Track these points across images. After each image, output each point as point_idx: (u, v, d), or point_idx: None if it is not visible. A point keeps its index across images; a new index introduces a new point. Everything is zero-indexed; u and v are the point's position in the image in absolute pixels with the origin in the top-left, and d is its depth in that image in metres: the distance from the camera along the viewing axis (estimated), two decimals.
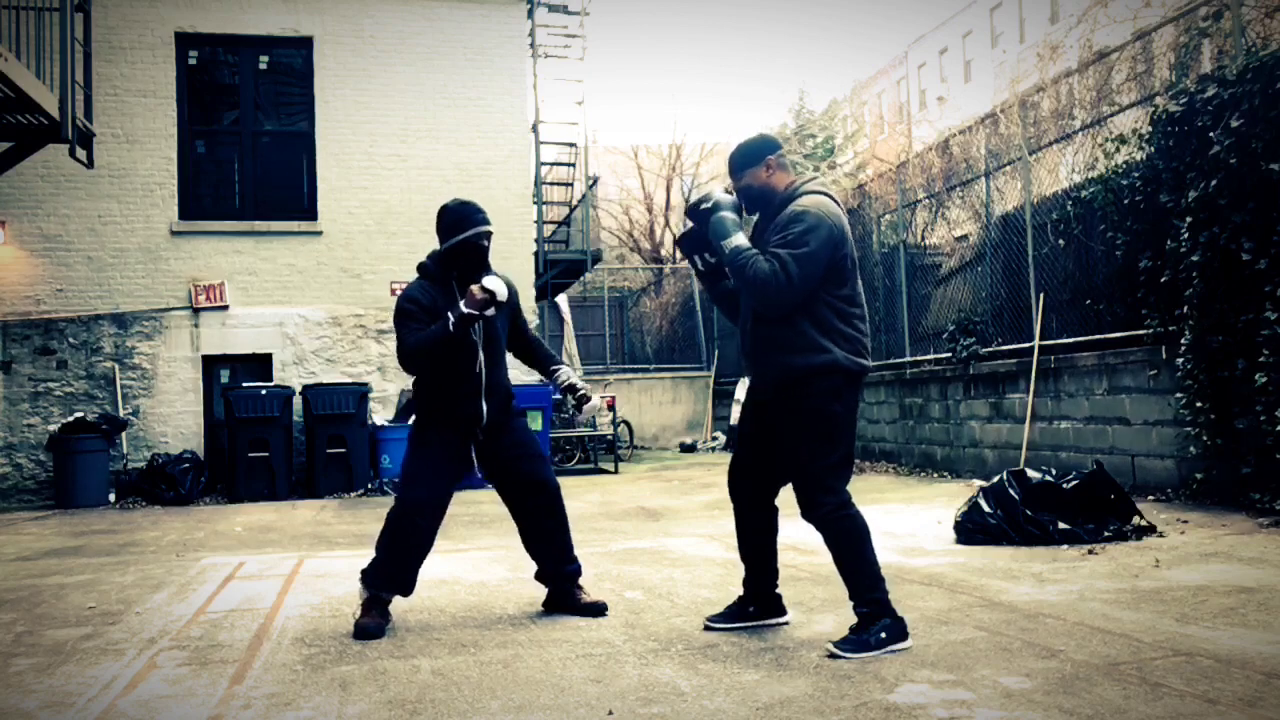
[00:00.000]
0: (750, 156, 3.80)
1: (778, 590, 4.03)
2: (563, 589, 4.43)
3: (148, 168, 11.52)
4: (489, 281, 4.08)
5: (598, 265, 18.25)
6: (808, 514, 3.68)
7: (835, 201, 3.71)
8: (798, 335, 3.61)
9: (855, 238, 13.22)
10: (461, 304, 4.08)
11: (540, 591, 4.61)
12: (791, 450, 3.68)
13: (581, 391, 4.39)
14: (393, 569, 4.21)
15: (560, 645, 3.83)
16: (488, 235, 4.23)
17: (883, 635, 3.53)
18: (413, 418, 4.45)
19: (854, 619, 3.64)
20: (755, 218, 3.97)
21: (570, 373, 4.44)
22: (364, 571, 4.24)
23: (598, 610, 4.34)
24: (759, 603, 4.00)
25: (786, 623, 4.02)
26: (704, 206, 3.78)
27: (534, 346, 4.68)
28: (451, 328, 4.05)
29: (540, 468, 4.42)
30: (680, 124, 66.81)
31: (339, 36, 12.08)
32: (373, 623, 4.09)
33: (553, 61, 15.06)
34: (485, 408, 4.28)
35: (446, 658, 3.70)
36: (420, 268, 4.35)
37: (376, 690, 3.31)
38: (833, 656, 3.49)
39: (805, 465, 3.64)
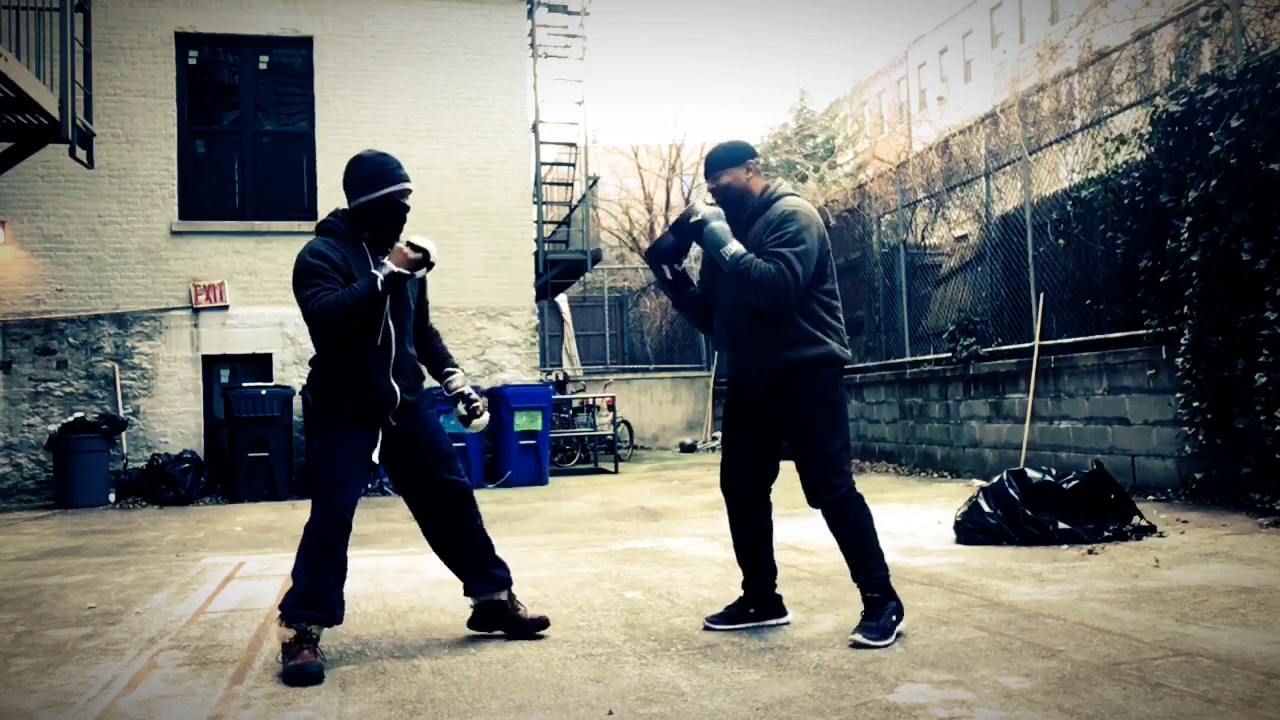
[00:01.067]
0: (734, 157, 3.91)
1: (777, 590, 4.07)
2: (492, 602, 3.95)
3: (148, 168, 11.52)
4: (418, 238, 3.57)
5: (598, 265, 18.25)
6: (821, 498, 3.79)
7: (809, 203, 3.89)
8: (794, 330, 3.75)
9: (855, 237, 13.35)
10: (387, 261, 3.55)
11: (536, 590, 4.60)
12: (803, 439, 3.79)
13: (475, 403, 3.98)
14: (321, 593, 3.62)
15: (560, 645, 3.82)
16: (409, 193, 3.69)
17: (893, 618, 3.72)
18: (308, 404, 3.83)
19: (857, 615, 3.75)
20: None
21: (464, 380, 4.04)
22: (284, 607, 3.61)
23: (539, 626, 3.94)
24: (759, 603, 4.03)
25: (788, 622, 4.03)
26: (693, 220, 3.84)
27: (431, 337, 4.09)
28: (380, 285, 3.50)
29: (452, 468, 3.92)
30: (680, 124, 66.84)
31: (339, 36, 12.07)
32: (312, 663, 3.44)
33: (553, 61, 15.07)
34: (396, 387, 3.72)
35: (446, 658, 3.70)
36: (324, 225, 3.76)
37: (376, 690, 3.31)
38: (858, 646, 3.60)
39: (818, 451, 3.76)
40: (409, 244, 3.55)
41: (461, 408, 3.96)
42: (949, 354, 10.49)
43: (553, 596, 4.77)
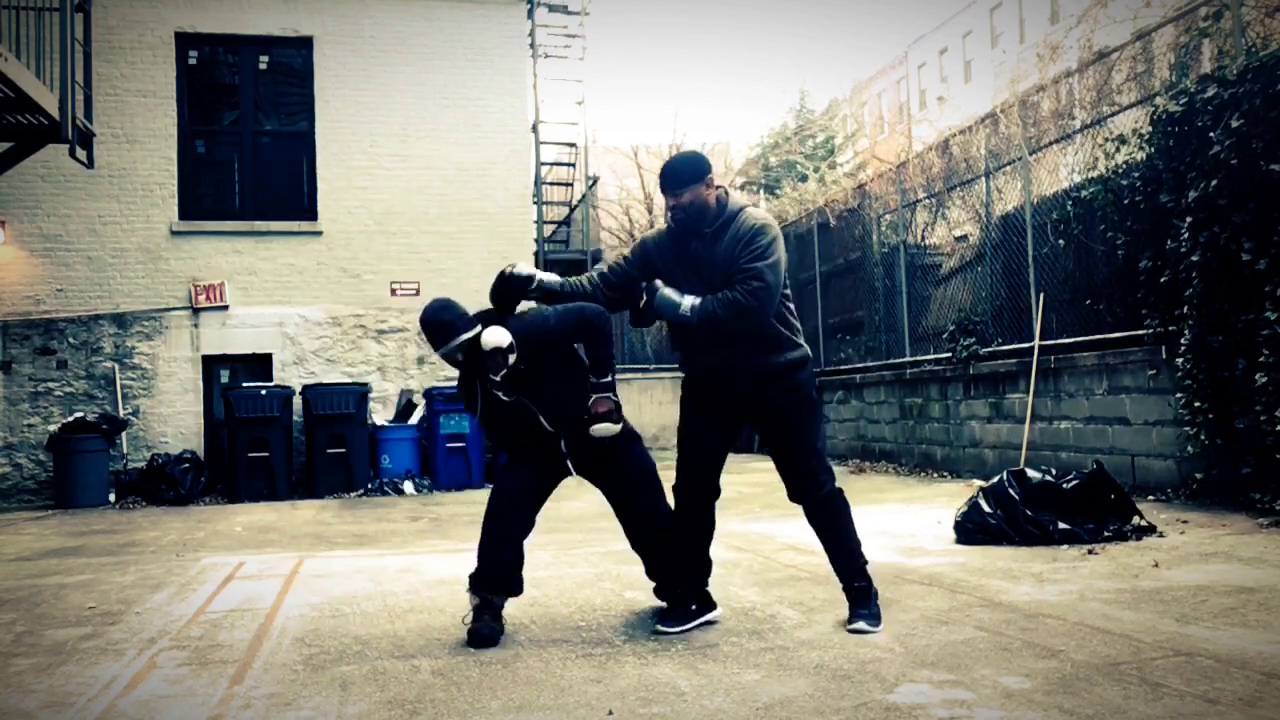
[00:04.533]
0: (694, 171, 3.86)
1: (708, 586, 4.18)
2: None
3: (148, 168, 11.52)
4: (491, 336, 3.82)
5: (598, 265, 18.24)
6: (811, 494, 3.92)
7: None
8: (773, 336, 3.88)
9: (855, 237, 13.35)
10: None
11: (536, 590, 4.60)
12: (792, 439, 3.93)
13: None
14: (498, 568, 3.98)
15: (560, 645, 3.82)
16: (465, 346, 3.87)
17: (877, 605, 3.97)
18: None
19: (849, 610, 3.97)
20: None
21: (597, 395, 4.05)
22: (471, 576, 4.02)
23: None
24: (699, 600, 4.11)
25: (719, 616, 4.14)
26: (658, 303, 3.84)
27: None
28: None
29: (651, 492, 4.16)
30: (680, 124, 66.77)
31: (339, 36, 12.08)
32: (485, 627, 3.88)
33: (553, 61, 15.09)
34: (563, 445, 4.02)
35: (446, 658, 3.70)
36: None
37: (376, 690, 3.31)
38: (861, 634, 3.80)
39: (808, 450, 3.93)
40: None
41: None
42: (949, 354, 10.49)
43: (553, 596, 4.77)
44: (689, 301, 3.80)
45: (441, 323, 3.92)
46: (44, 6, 7.89)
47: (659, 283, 3.91)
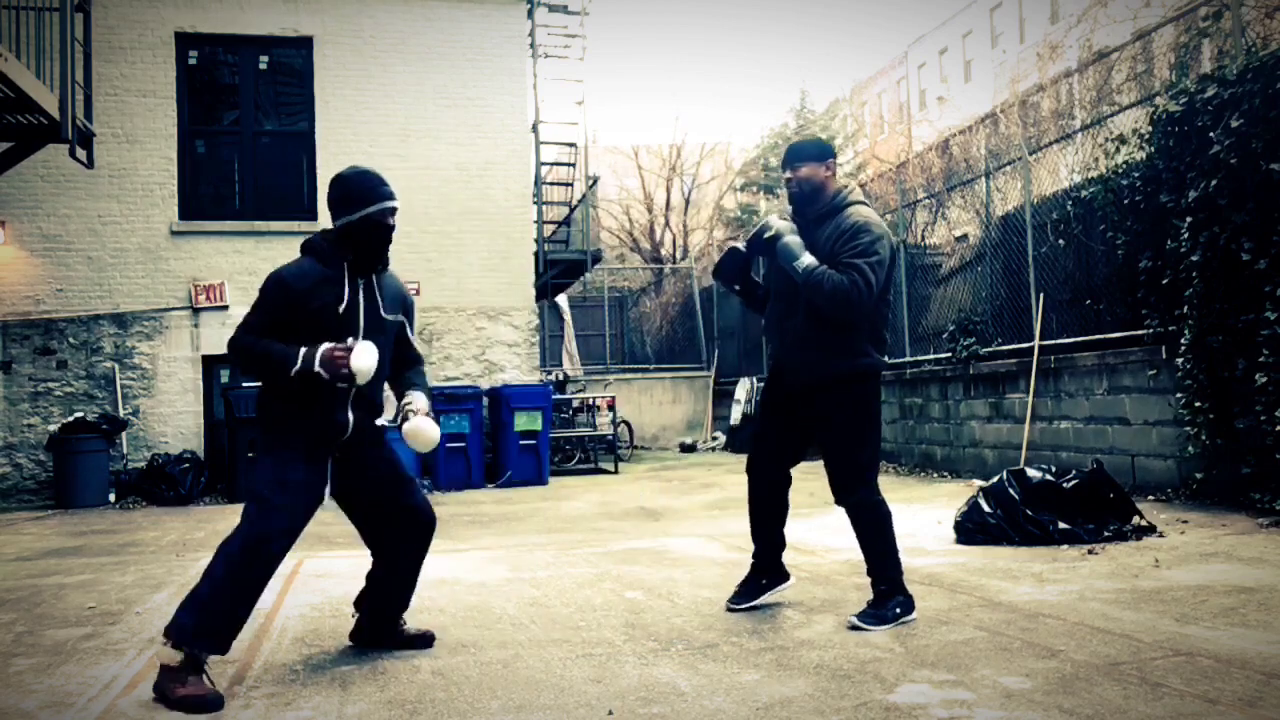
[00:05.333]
0: (818, 152, 4.02)
1: (783, 559, 4.37)
2: (388, 628, 3.88)
3: (148, 168, 11.52)
4: (359, 360, 3.37)
5: (598, 265, 18.24)
6: (845, 498, 4.02)
7: None
8: (847, 340, 3.92)
9: None
10: (318, 363, 3.38)
11: (536, 590, 4.60)
12: (838, 442, 4.01)
13: (410, 406, 3.71)
14: (225, 621, 3.35)
15: (560, 645, 3.82)
16: (394, 212, 3.59)
17: (897, 610, 3.94)
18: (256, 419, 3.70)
19: (857, 610, 4.01)
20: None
21: (423, 401, 3.76)
22: (181, 626, 3.28)
23: (426, 641, 3.87)
24: (770, 573, 4.33)
25: (791, 583, 4.42)
26: (767, 235, 3.98)
27: (409, 365, 3.89)
28: (293, 373, 3.40)
29: (416, 492, 3.82)
30: (680, 124, 66.82)
31: (339, 36, 12.07)
32: (211, 693, 3.19)
33: (553, 61, 15.06)
34: (351, 418, 3.59)
35: (446, 658, 3.70)
36: (309, 245, 3.63)
37: (376, 690, 3.31)
38: (854, 628, 3.87)
39: (850, 456, 3.99)
40: (346, 355, 3.38)
41: (399, 419, 3.71)
42: (949, 354, 10.49)
43: (553, 596, 4.77)
44: (807, 260, 3.85)
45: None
46: (44, 6, 7.89)
47: (793, 226, 4.02)
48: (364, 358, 3.38)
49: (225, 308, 11.61)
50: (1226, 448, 6.91)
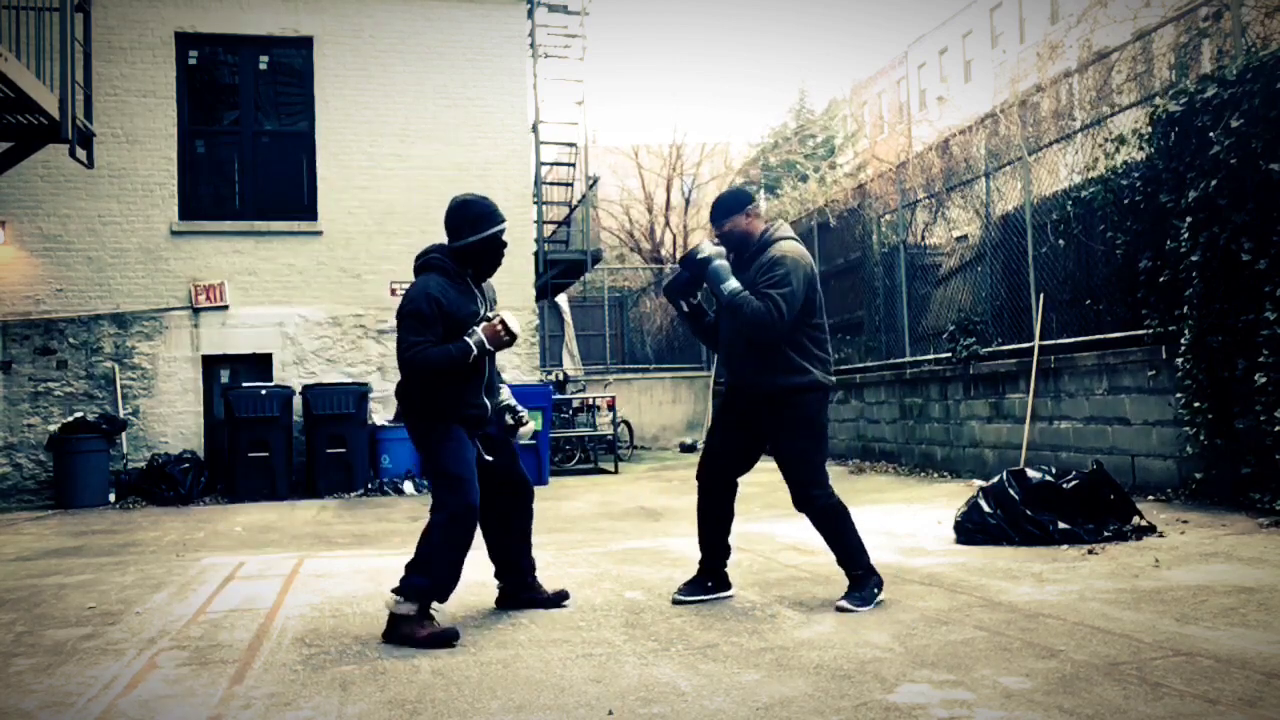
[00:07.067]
0: (734, 205, 4.45)
1: (726, 569, 4.64)
2: (524, 581, 4.56)
3: (148, 168, 11.52)
4: (512, 322, 4.14)
5: (598, 265, 18.24)
6: (804, 505, 4.37)
7: (803, 245, 4.46)
8: (784, 359, 4.31)
9: (855, 237, 13.37)
10: (480, 332, 4.10)
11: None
12: (789, 452, 4.37)
13: (520, 413, 4.48)
14: (448, 574, 4.08)
15: (560, 645, 3.83)
16: (506, 230, 4.28)
17: (875, 590, 4.33)
18: (403, 415, 4.37)
19: (857, 615, 4.18)
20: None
21: (509, 393, 4.54)
22: (414, 585, 3.99)
23: (561, 599, 4.54)
24: (714, 578, 4.59)
25: (731, 595, 4.61)
26: (699, 256, 4.37)
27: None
28: (472, 357, 4.07)
29: (521, 466, 4.58)
30: (680, 124, 66.72)
31: (339, 36, 12.07)
32: (449, 629, 3.96)
33: (553, 61, 15.05)
34: (488, 404, 4.32)
35: (446, 658, 3.70)
36: (432, 263, 4.22)
37: (376, 690, 3.31)
38: (842, 610, 4.18)
39: (802, 464, 4.36)
40: (503, 325, 4.10)
41: (509, 418, 4.42)
42: (949, 354, 10.49)
43: None
44: (732, 284, 4.27)
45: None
46: (44, 6, 7.89)
47: (723, 251, 4.41)
48: (515, 321, 4.15)
49: (225, 308, 11.61)
50: (1226, 448, 6.91)
